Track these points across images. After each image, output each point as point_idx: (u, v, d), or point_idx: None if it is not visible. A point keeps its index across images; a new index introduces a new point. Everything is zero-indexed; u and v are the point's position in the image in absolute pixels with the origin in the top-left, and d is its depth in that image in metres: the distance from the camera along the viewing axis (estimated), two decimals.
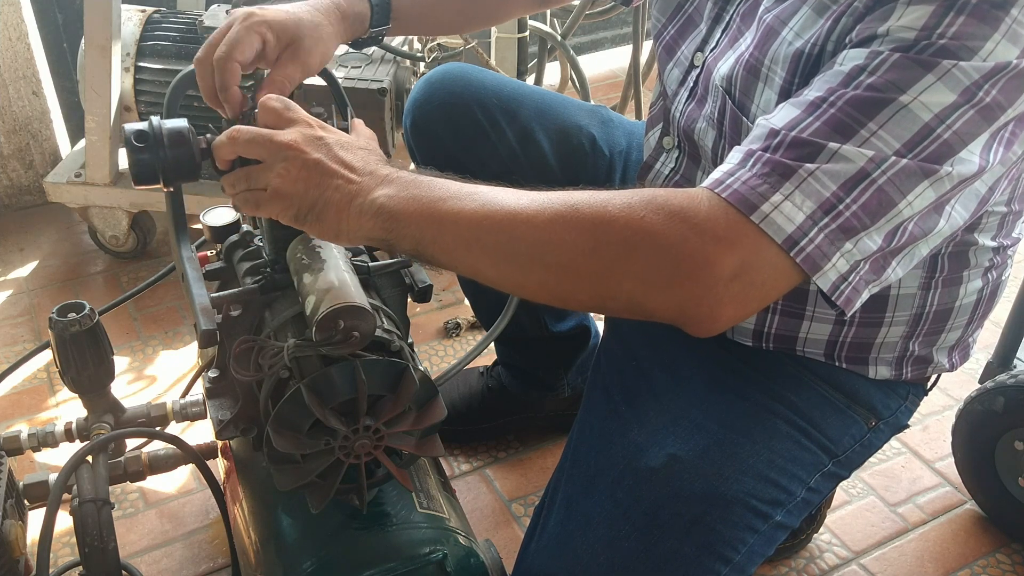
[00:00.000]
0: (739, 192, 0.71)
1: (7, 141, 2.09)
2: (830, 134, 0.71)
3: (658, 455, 0.90)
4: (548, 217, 0.72)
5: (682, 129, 1.01)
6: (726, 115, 0.91)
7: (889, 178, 0.71)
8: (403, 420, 0.86)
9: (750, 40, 0.88)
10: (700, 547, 0.88)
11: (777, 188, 0.71)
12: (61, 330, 1.09)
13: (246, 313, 0.94)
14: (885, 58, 0.72)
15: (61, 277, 1.99)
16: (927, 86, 0.70)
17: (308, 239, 0.91)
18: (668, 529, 0.87)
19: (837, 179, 0.71)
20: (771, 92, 0.84)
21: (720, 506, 0.89)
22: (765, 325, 0.98)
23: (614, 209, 0.71)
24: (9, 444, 1.15)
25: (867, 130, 0.71)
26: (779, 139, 0.73)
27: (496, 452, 1.58)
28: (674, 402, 0.95)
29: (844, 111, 0.72)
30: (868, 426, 1.00)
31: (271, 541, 0.98)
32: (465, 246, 0.73)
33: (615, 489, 0.90)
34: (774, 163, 0.72)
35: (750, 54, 0.87)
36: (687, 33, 1.02)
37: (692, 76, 1.00)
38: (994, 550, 1.44)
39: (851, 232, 0.71)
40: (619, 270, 0.71)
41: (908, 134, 0.71)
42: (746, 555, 0.91)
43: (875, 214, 0.71)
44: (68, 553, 1.36)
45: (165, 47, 1.85)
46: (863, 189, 0.71)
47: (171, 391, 1.70)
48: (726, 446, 0.91)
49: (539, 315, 1.43)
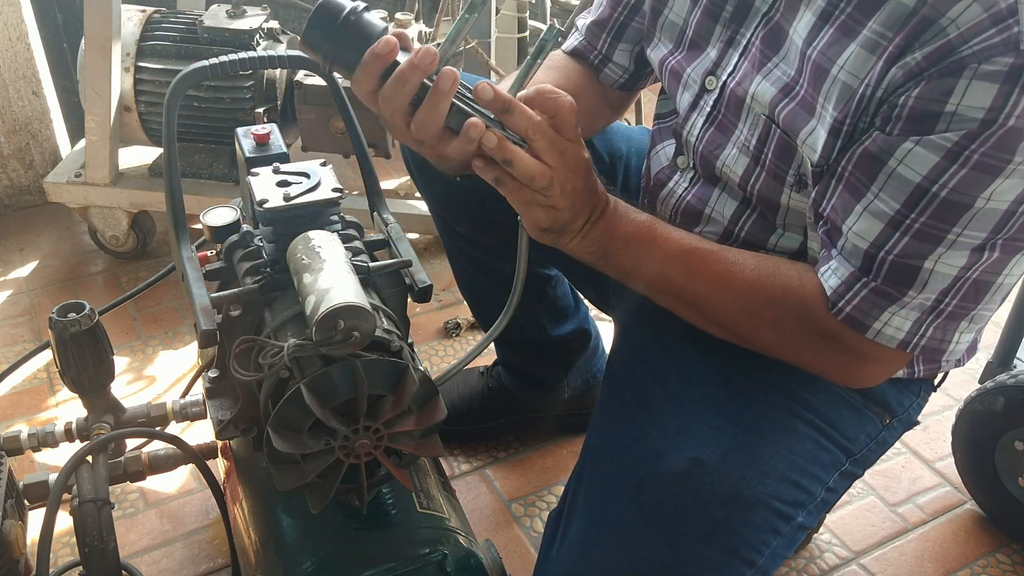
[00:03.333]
0: (852, 316, 0.84)
1: (7, 141, 2.09)
2: (920, 248, 0.80)
3: (679, 459, 0.89)
4: (728, 291, 0.89)
5: (700, 154, 1.00)
6: (770, 143, 0.91)
7: (983, 271, 0.81)
8: (403, 420, 0.86)
9: (792, 73, 0.87)
10: (725, 551, 0.88)
11: (884, 308, 0.83)
12: (61, 330, 1.09)
13: (246, 313, 0.94)
14: (956, 157, 0.75)
15: (61, 277, 1.99)
16: (1000, 186, 0.76)
17: (308, 239, 0.91)
18: (692, 533, 0.87)
19: (936, 290, 0.82)
20: (821, 129, 0.84)
21: (743, 509, 0.89)
22: None
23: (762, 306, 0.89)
24: (9, 444, 1.15)
25: (953, 234, 0.79)
26: (876, 263, 0.82)
27: (496, 452, 1.58)
28: (691, 405, 0.95)
29: (928, 225, 0.79)
30: (883, 424, 1.01)
31: (271, 541, 0.98)
32: (655, 293, 0.93)
33: (637, 494, 0.90)
34: (878, 291, 0.83)
35: (805, 91, 0.86)
36: (693, 57, 1.00)
37: (707, 100, 0.98)
38: (994, 550, 1.44)
39: (958, 318, 0.84)
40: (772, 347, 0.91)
41: (991, 224, 0.78)
42: (769, 557, 0.90)
43: (976, 298, 0.83)
44: (68, 553, 1.36)
45: (165, 47, 1.85)
46: (959, 287, 0.82)
47: (171, 391, 1.70)
48: (746, 448, 0.91)
49: (538, 319, 1.43)
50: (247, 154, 1.03)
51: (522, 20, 1.97)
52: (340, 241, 0.93)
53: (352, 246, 0.97)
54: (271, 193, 0.94)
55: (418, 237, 2.11)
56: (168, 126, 0.97)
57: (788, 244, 0.97)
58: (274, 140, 1.05)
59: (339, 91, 1.06)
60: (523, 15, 1.95)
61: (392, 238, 1.04)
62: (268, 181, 0.96)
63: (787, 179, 0.90)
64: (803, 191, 0.90)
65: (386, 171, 2.29)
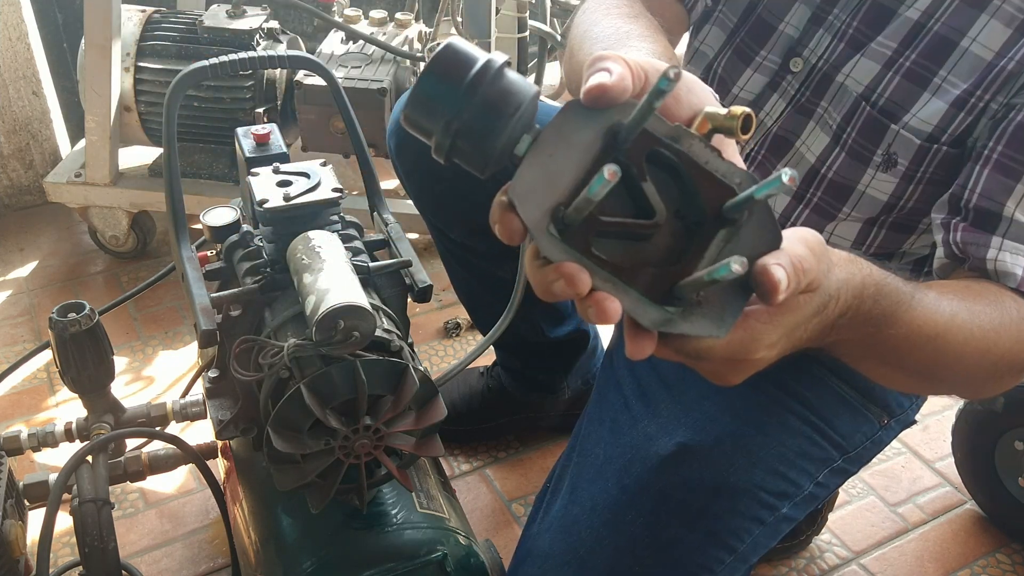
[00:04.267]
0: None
1: (7, 141, 2.09)
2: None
3: (668, 444, 0.90)
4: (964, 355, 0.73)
5: (774, 135, 0.96)
6: (856, 122, 0.89)
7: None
8: (403, 420, 0.86)
9: (896, 46, 0.86)
10: (706, 535, 0.89)
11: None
12: (61, 330, 1.09)
13: (246, 313, 0.94)
14: None
15: (61, 277, 1.99)
16: None
17: (308, 239, 0.91)
18: (675, 516, 0.88)
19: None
20: (940, 102, 0.83)
21: (728, 496, 0.89)
22: None
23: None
24: (9, 444, 1.15)
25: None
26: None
27: (496, 452, 1.58)
28: (686, 393, 0.96)
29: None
30: (880, 424, 1.01)
31: (271, 541, 0.98)
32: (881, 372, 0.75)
33: (623, 476, 0.91)
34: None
35: (914, 63, 0.85)
36: (764, 36, 0.97)
37: (791, 83, 0.95)
38: (994, 550, 1.44)
39: None
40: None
41: None
42: (750, 545, 0.91)
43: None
44: (68, 553, 1.36)
45: (165, 47, 1.85)
46: None
47: (171, 391, 1.70)
48: (736, 437, 0.92)
49: (536, 321, 1.43)
50: (247, 154, 1.03)
51: (522, 20, 1.96)
52: (340, 241, 0.93)
53: (352, 246, 0.97)
54: (271, 193, 0.94)
55: (418, 237, 2.11)
56: (168, 126, 0.97)
57: (845, 234, 0.95)
58: (274, 140, 1.05)
59: (339, 91, 1.06)
60: (523, 15, 1.94)
61: (392, 238, 1.04)
62: (268, 181, 0.96)
63: (873, 159, 0.88)
64: (891, 170, 0.88)
65: (386, 171, 2.29)
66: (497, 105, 0.51)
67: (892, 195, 0.89)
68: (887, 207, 0.90)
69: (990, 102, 0.82)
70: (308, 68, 1.07)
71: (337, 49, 1.91)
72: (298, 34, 1.98)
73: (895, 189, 0.89)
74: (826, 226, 0.95)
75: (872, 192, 0.91)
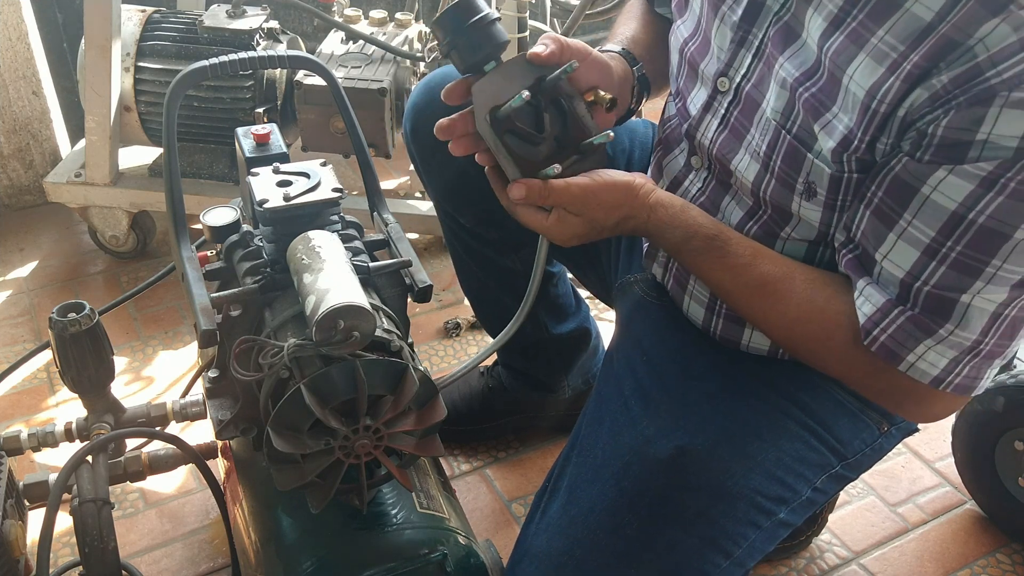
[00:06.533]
0: (886, 346, 0.81)
1: (7, 141, 2.09)
2: (958, 280, 0.77)
3: (666, 446, 0.90)
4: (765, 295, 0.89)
5: (714, 157, 0.96)
6: (779, 150, 0.88)
7: (1020, 308, 0.79)
8: (403, 420, 0.86)
9: (797, 74, 0.84)
10: (702, 539, 0.89)
11: (920, 341, 0.80)
12: (61, 330, 1.09)
13: (246, 313, 0.94)
14: (992, 185, 0.72)
15: (61, 277, 1.99)
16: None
17: (308, 239, 0.91)
18: (672, 519, 0.88)
19: (976, 328, 0.79)
20: (831, 140, 0.82)
21: (725, 500, 0.89)
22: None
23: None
24: (9, 444, 1.15)
25: (992, 267, 0.76)
26: (913, 292, 0.80)
27: (496, 452, 1.58)
28: (686, 396, 0.96)
29: (966, 255, 0.76)
30: (880, 431, 1.00)
31: (271, 541, 0.98)
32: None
33: (621, 478, 0.91)
34: (915, 320, 0.80)
35: (812, 95, 0.83)
36: (703, 52, 0.97)
37: (720, 103, 0.95)
38: (994, 550, 1.44)
39: (994, 356, 0.81)
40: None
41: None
42: (747, 550, 0.91)
43: (1012, 336, 0.81)
44: (68, 553, 1.36)
45: (165, 47, 1.85)
46: (998, 326, 0.79)
47: (171, 391, 1.70)
48: (735, 442, 0.92)
49: (539, 317, 1.43)
50: (247, 154, 1.03)
51: (522, 20, 1.96)
52: (340, 241, 0.93)
53: (352, 246, 0.97)
54: (271, 193, 0.94)
55: (418, 237, 2.11)
56: (168, 126, 0.97)
57: (793, 252, 0.94)
58: (274, 140, 1.05)
59: (339, 91, 1.06)
60: (523, 15, 1.94)
61: (392, 238, 1.04)
62: (268, 181, 0.96)
63: (796, 187, 0.87)
64: (812, 199, 0.87)
65: (386, 171, 2.29)
66: (486, 35, 0.86)
67: (821, 223, 0.88)
68: (821, 234, 0.89)
69: (875, 143, 0.80)
70: (308, 68, 1.07)
71: (337, 49, 1.91)
72: (298, 34, 1.98)
73: (822, 217, 0.88)
74: (775, 244, 0.93)
75: (805, 217, 0.90)
